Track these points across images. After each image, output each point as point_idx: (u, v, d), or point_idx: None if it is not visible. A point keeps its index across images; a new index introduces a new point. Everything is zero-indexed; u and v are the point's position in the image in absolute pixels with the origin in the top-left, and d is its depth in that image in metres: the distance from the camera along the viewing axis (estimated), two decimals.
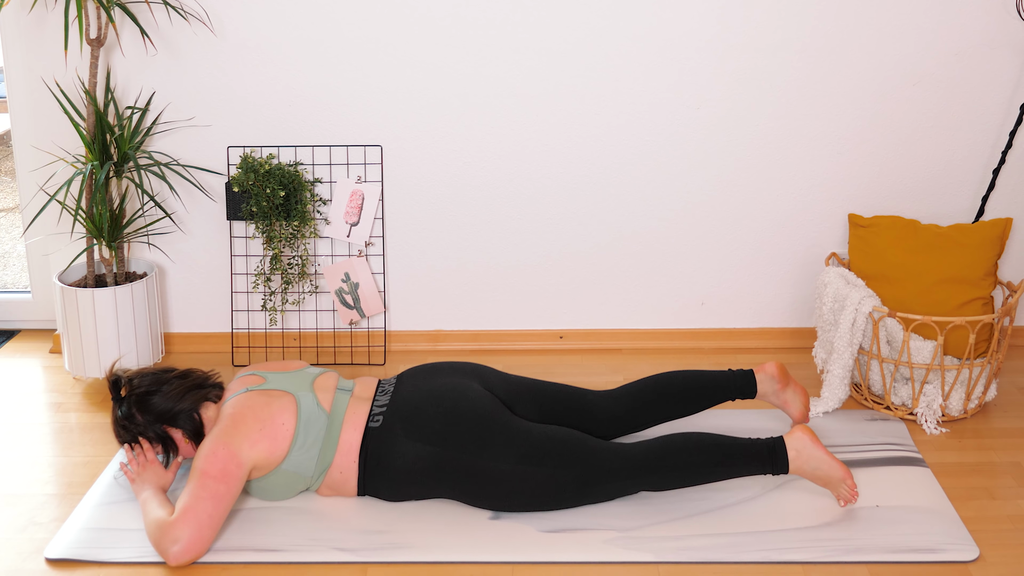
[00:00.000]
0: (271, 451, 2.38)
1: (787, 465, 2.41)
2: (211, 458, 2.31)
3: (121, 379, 2.49)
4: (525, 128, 3.15)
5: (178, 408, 2.45)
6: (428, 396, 2.45)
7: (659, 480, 2.40)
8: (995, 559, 2.29)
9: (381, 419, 2.43)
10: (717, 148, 3.17)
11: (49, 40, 3.04)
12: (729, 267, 3.29)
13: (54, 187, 3.15)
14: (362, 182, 3.17)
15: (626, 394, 2.64)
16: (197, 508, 2.25)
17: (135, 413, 2.45)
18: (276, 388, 2.48)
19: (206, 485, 2.27)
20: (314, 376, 2.55)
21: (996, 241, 2.92)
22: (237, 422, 2.37)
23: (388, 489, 2.44)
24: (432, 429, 2.39)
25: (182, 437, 2.47)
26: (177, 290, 3.31)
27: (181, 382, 2.49)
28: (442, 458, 2.37)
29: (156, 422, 2.45)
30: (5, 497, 2.54)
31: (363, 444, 2.42)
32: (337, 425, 2.43)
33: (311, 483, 2.45)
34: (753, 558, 2.28)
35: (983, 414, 2.92)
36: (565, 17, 3.04)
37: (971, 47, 3.08)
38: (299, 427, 2.40)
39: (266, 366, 2.62)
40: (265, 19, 3.05)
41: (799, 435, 2.43)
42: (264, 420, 2.39)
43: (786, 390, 2.68)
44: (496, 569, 2.26)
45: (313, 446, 2.41)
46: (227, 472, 2.30)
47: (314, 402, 2.45)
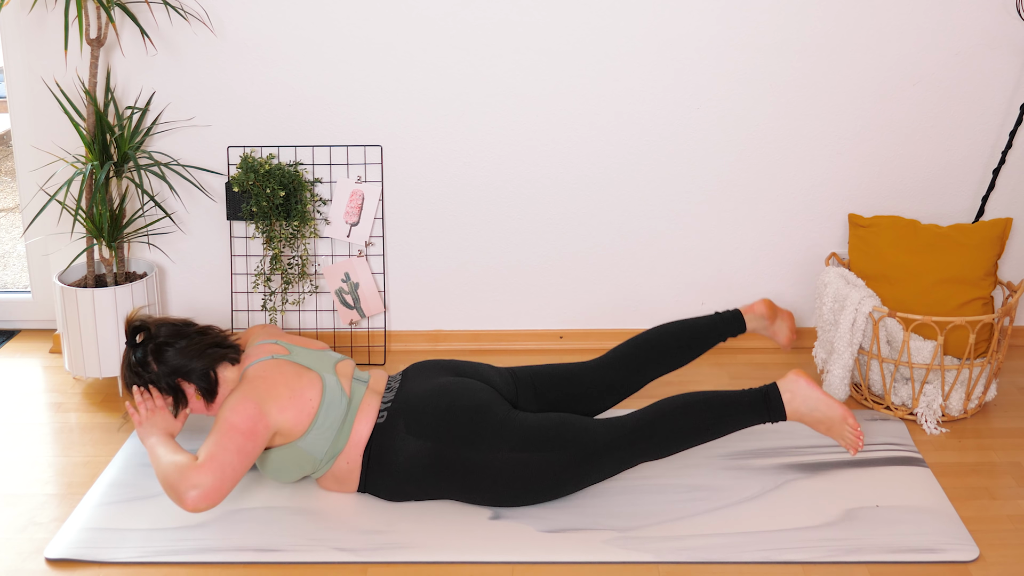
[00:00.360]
0: (296, 421, 2.36)
1: (783, 410, 2.39)
2: (242, 414, 2.28)
3: (143, 325, 2.43)
4: (525, 128, 3.15)
5: (195, 364, 2.41)
6: (429, 392, 2.45)
7: (656, 446, 2.39)
8: (995, 559, 2.29)
9: (386, 415, 2.43)
10: (717, 148, 3.17)
11: (49, 40, 3.04)
12: (729, 267, 3.29)
13: (54, 187, 3.15)
14: (362, 182, 3.17)
15: (617, 358, 2.64)
16: (222, 458, 2.21)
17: (150, 361, 2.41)
18: (302, 362, 2.46)
19: (233, 438, 2.24)
20: (336, 360, 2.53)
21: (996, 241, 2.92)
22: (269, 385, 2.35)
23: (388, 487, 2.44)
24: (429, 424, 2.39)
25: (194, 393, 2.43)
26: (177, 290, 3.31)
27: (201, 338, 2.45)
28: (439, 452, 2.37)
29: (171, 374, 2.41)
30: (5, 497, 2.54)
31: (370, 440, 2.42)
32: (353, 414, 2.43)
33: (318, 467, 2.43)
34: (753, 558, 2.28)
35: (983, 414, 2.93)
36: (565, 17, 3.04)
37: (971, 47, 3.08)
38: (322, 406, 2.39)
39: (288, 338, 2.58)
40: (265, 19, 3.05)
41: (792, 376, 2.42)
42: (295, 389, 2.37)
43: (775, 322, 2.78)
44: (496, 569, 2.26)
45: (330, 429, 2.39)
46: (255, 430, 2.28)
47: (338, 385, 2.44)
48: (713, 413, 2.40)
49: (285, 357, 2.46)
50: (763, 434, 2.76)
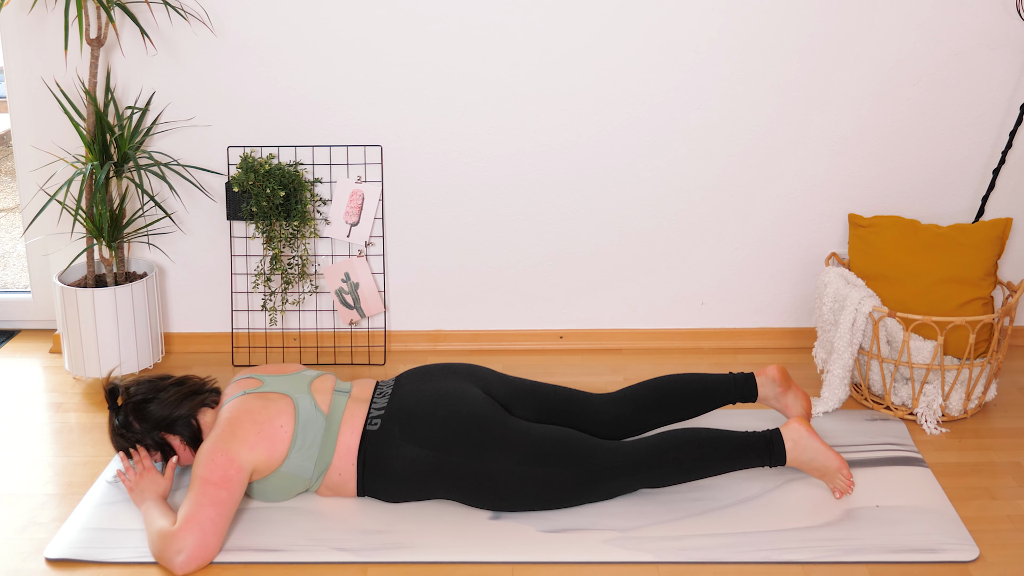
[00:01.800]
0: (270, 454, 2.38)
1: (784, 457, 2.42)
2: (210, 464, 2.30)
3: (118, 388, 2.48)
4: (525, 128, 3.15)
5: (175, 415, 2.45)
6: (426, 400, 2.45)
7: (658, 476, 2.41)
8: (995, 559, 2.29)
9: (379, 422, 2.43)
10: (717, 148, 3.17)
11: (49, 40, 3.04)
12: (729, 267, 3.29)
13: (54, 187, 3.14)
14: (362, 182, 3.17)
15: (626, 398, 2.64)
16: (200, 515, 2.24)
17: (132, 421, 2.45)
18: (273, 391, 2.48)
19: (207, 492, 2.26)
20: (311, 378, 2.55)
21: (996, 241, 2.92)
22: (234, 426, 2.37)
23: (387, 491, 2.44)
24: (430, 433, 2.38)
25: (180, 444, 2.47)
26: (177, 290, 3.31)
27: (178, 389, 2.50)
28: (441, 462, 2.37)
29: (154, 429, 2.45)
30: (5, 497, 2.54)
31: (361, 447, 2.42)
32: (335, 427, 2.43)
33: (310, 484, 2.45)
34: (753, 558, 2.28)
35: (983, 414, 2.92)
36: (565, 18, 3.04)
37: (971, 47, 3.08)
38: (297, 429, 2.40)
39: (263, 369, 2.62)
40: (265, 19, 3.05)
41: (795, 426, 2.44)
42: (262, 423, 2.39)
43: (787, 394, 2.67)
44: (496, 569, 2.26)
45: (312, 448, 2.41)
46: (227, 477, 2.29)
47: (312, 404, 2.45)
48: (716, 452, 2.41)
49: (256, 390, 2.47)
50: None
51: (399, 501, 2.46)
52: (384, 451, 2.40)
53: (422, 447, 2.38)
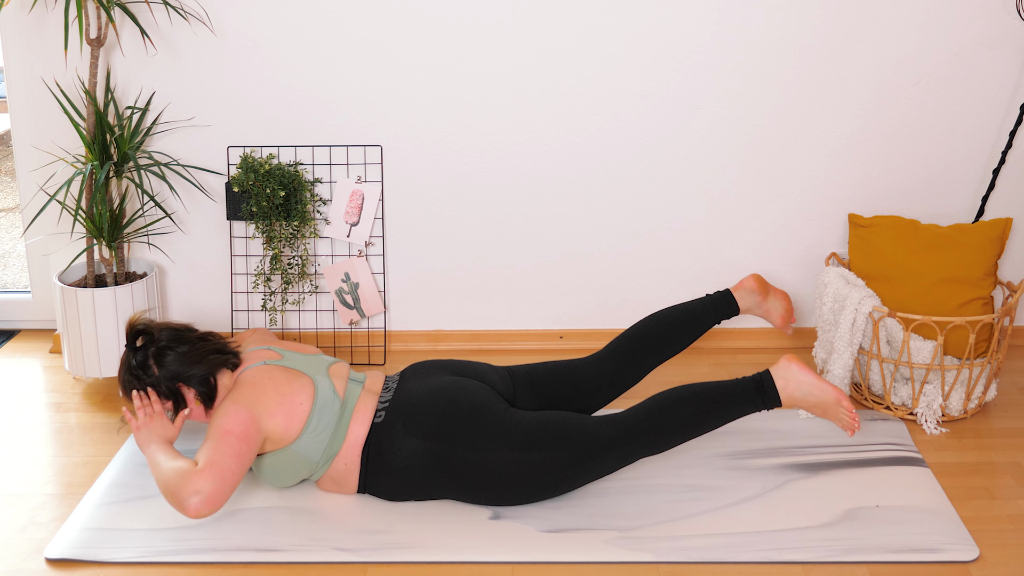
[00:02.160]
0: (286, 427, 2.36)
1: (777, 397, 2.41)
2: (234, 418, 2.29)
3: (145, 329, 2.42)
4: (525, 128, 3.15)
5: (195, 369, 2.41)
6: (427, 392, 2.45)
7: (655, 441, 2.40)
8: (995, 559, 2.29)
9: (383, 415, 2.43)
10: (717, 148, 3.17)
11: (49, 40, 3.04)
12: (729, 267, 3.29)
13: (54, 187, 3.14)
14: (362, 182, 3.17)
15: (613, 351, 2.65)
16: (221, 463, 2.22)
17: (151, 365, 2.40)
18: (294, 367, 2.46)
19: (229, 442, 2.25)
20: (329, 363, 2.54)
21: (996, 241, 2.92)
22: (258, 391, 2.36)
23: (388, 487, 2.44)
24: (428, 424, 2.39)
25: (194, 398, 2.43)
26: (177, 290, 3.31)
27: (203, 344, 2.45)
28: (438, 452, 2.37)
29: (171, 378, 2.40)
30: (5, 497, 2.54)
31: (367, 439, 2.42)
32: (348, 415, 2.43)
33: (315, 470, 2.44)
34: (753, 558, 2.28)
35: (983, 414, 2.93)
36: (565, 17, 3.04)
37: (971, 47, 3.08)
38: (314, 409, 2.39)
39: (282, 344, 2.59)
40: (265, 19, 3.05)
41: (784, 363, 2.43)
42: (284, 395, 2.38)
43: (767, 299, 2.73)
44: (496, 569, 2.26)
45: (325, 431, 2.40)
46: (247, 434, 2.28)
47: (330, 387, 2.44)
48: (708, 404, 2.41)
49: (277, 362, 2.47)
50: (763, 434, 2.76)
51: (399, 499, 2.46)
52: (387, 444, 2.40)
53: (421, 439, 2.38)
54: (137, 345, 2.43)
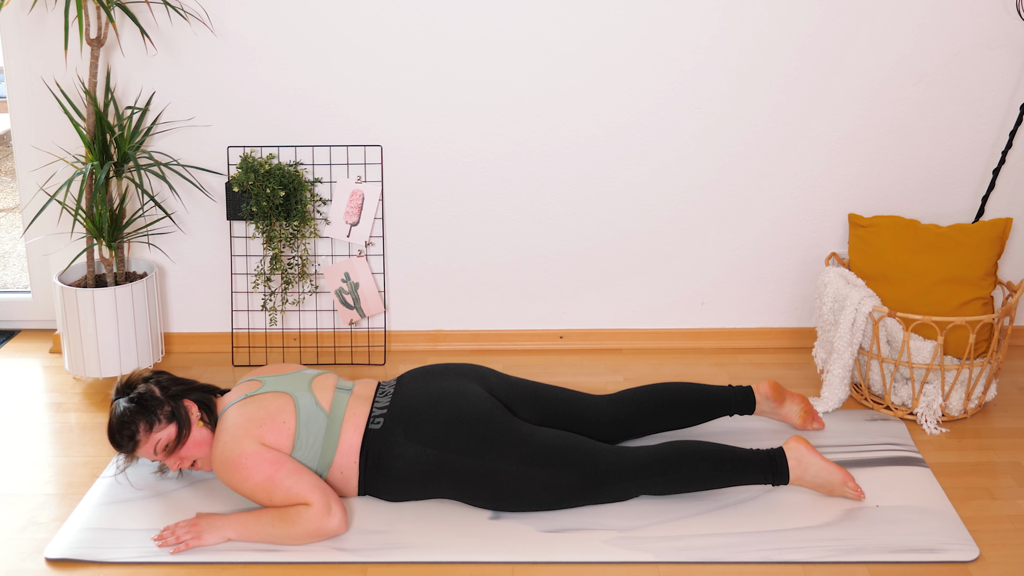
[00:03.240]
0: (277, 442, 2.38)
1: (787, 475, 2.43)
2: (251, 471, 2.31)
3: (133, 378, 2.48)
4: (525, 128, 3.15)
5: (192, 385, 2.49)
6: (429, 398, 2.45)
7: (660, 485, 2.41)
8: (995, 559, 2.29)
9: (382, 421, 2.43)
10: (717, 148, 3.17)
11: (49, 40, 3.04)
12: (729, 267, 3.29)
13: (54, 187, 3.14)
14: (362, 182, 3.17)
15: (626, 401, 2.65)
16: (299, 490, 2.29)
17: (152, 388, 2.44)
18: (273, 390, 2.48)
19: (278, 480, 2.30)
20: (312, 377, 2.55)
21: (996, 241, 2.92)
22: (243, 433, 2.37)
23: (389, 490, 2.44)
24: (434, 432, 2.39)
25: (197, 415, 2.44)
26: (177, 290, 3.31)
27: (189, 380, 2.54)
28: (444, 461, 2.37)
29: (174, 396, 2.44)
30: (5, 497, 2.54)
31: (363, 445, 2.42)
32: (337, 425, 2.43)
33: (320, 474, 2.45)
34: (753, 558, 2.28)
35: (983, 414, 2.92)
36: (565, 18, 3.04)
37: (971, 47, 3.08)
38: (299, 426, 2.40)
39: (263, 370, 2.62)
40: (265, 19, 3.05)
41: (795, 444, 2.45)
42: (263, 420, 2.39)
43: (783, 406, 2.72)
44: (496, 569, 2.26)
45: (314, 446, 2.41)
46: (272, 460, 2.32)
47: (312, 401, 2.45)
48: (722, 468, 2.42)
49: (257, 391, 2.48)
50: (763, 434, 2.76)
51: (400, 500, 2.46)
52: (387, 450, 2.40)
53: (426, 446, 2.38)
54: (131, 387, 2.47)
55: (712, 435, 2.75)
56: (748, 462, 2.42)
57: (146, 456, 2.43)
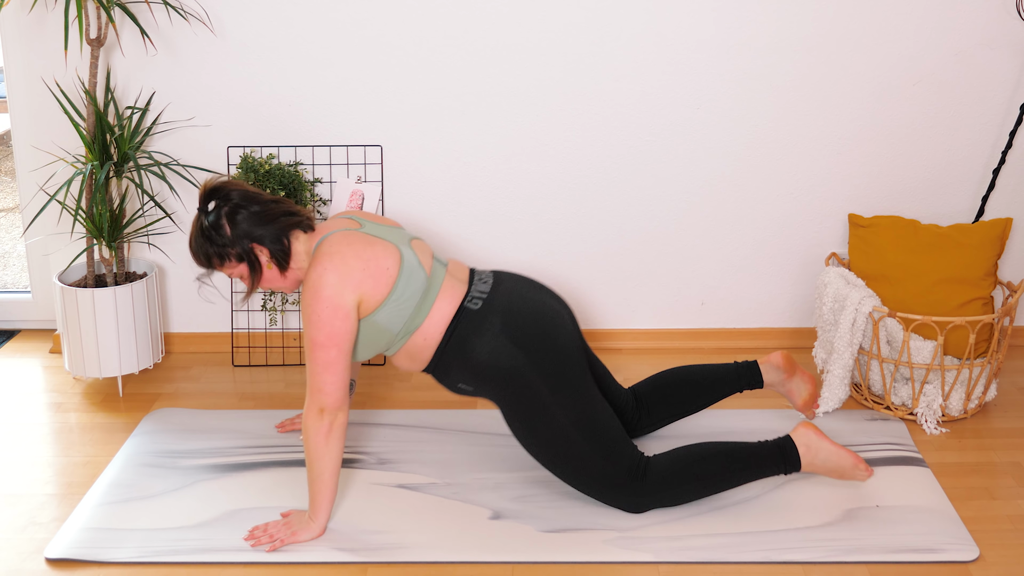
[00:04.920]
0: (374, 291, 2.31)
1: (799, 462, 2.41)
2: (316, 324, 2.27)
3: (216, 190, 2.37)
4: (525, 128, 3.15)
5: (268, 228, 2.36)
6: (532, 305, 2.41)
7: (674, 495, 2.41)
8: (995, 559, 2.29)
9: (480, 303, 2.38)
10: (717, 148, 3.17)
11: (49, 40, 3.04)
12: (729, 267, 3.29)
13: (54, 187, 3.14)
14: (362, 182, 3.17)
15: (637, 392, 2.66)
16: (319, 383, 2.28)
17: (223, 224, 2.35)
18: (374, 234, 2.40)
19: (318, 357, 2.27)
20: (410, 237, 2.47)
21: (996, 241, 2.92)
22: (337, 263, 2.29)
23: (456, 373, 2.39)
24: (528, 338, 2.35)
25: (267, 259, 2.37)
26: (177, 290, 3.31)
27: (275, 204, 2.40)
28: (523, 369, 2.33)
29: (244, 237, 2.35)
30: (5, 497, 2.54)
31: (455, 320, 2.37)
32: (434, 291, 2.38)
33: (393, 343, 2.39)
34: (753, 558, 2.28)
35: (983, 414, 2.93)
36: (565, 18, 3.04)
37: (971, 47, 3.08)
38: (401, 275, 2.34)
39: (359, 214, 2.52)
40: (265, 19, 3.05)
41: (803, 430, 2.43)
42: (368, 260, 2.32)
43: (792, 379, 2.68)
44: (496, 569, 2.26)
45: (410, 300, 2.35)
46: (333, 333, 2.27)
47: (415, 259, 2.39)
48: (737, 466, 2.41)
49: (356, 230, 2.40)
50: (763, 434, 2.76)
51: (456, 388, 2.43)
52: (475, 331, 2.35)
53: (515, 346, 2.34)
54: (209, 208, 2.38)
55: (726, 432, 2.75)
56: (757, 456, 2.41)
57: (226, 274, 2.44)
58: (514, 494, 2.50)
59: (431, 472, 2.60)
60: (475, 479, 2.57)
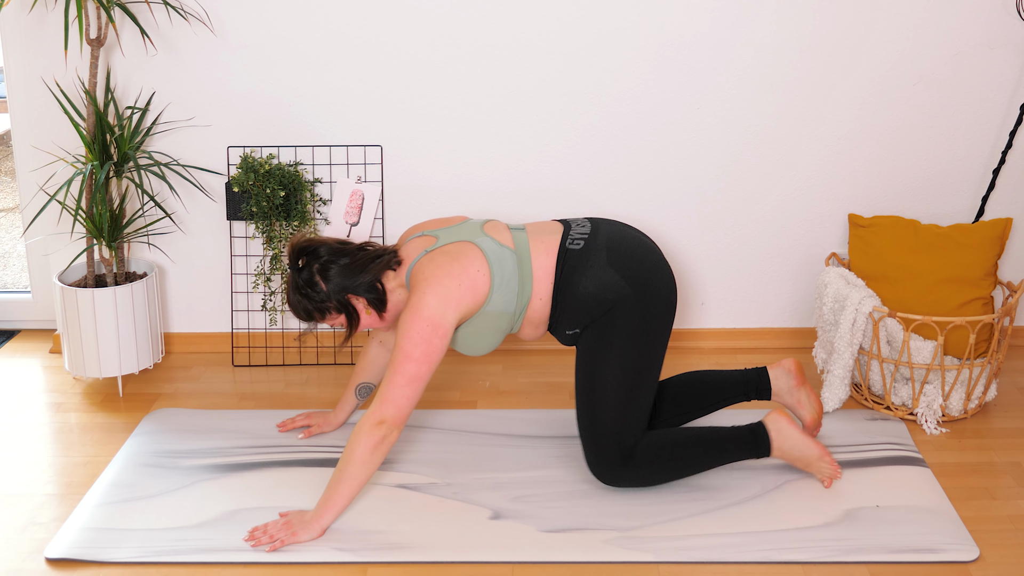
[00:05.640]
0: (474, 300, 2.38)
1: (769, 447, 2.46)
2: (413, 338, 2.31)
3: (305, 247, 2.44)
4: (524, 128, 3.15)
5: (360, 278, 2.43)
6: (637, 243, 2.48)
7: (648, 478, 2.47)
8: (995, 559, 2.29)
9: (583, 243, 2.45)
10: (717, 148, 3.17)
11: (49, 40, 3.04)
12: (729, 267, 3.29)
13: (54, 187, 3.14)
14: (362, 182, 3.17)
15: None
16: (394, 395, 2.31)
17: (318, 281, 2.42)
18: (451, 241, 2.46)
19: (405, 370, 2.30)
20: (481, 223, 2.53)
21: (996, 241, 2.92)
22: (434, 286, 2.35)
23: (568, 315, 2.45)
24: (635, 271, 2.42)
25: (364, 306, 2.45)
26: (177, 290, 3.31)
27: (362, 253, 2.47)
28: (627, 300, 2.39)
29: (340, 291, 2.43)
30: (5, 497, 2.54)
31: (559, 265, 2.43)
32: (527, 256, 2.44)
33: (515, 320, 2.46)
34: (753, 558, 2.28)
35: (983, 414, 2.93)
36: (564, 17, 3.04)
37: (971, 47, 3.08)
38: (493, 269, 2.40)
39: (426, 225, 2.58)
40: (265, 19, 3.05)
41: (776, 416, 2.49)
42: (459, 275, 2.37)
43: (801, 388, 2.67)
44: (496, 569, 2.26)
45: (511, 281, 2.41)
46: (430, 351, 2.31)
47: (494, 243, 2.44)
48: (703, 449, 2.47)
49: (435, 247, 2.45)
50: None
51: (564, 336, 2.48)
52: (583, 265, 2.42)
53: (621, 276, 2.40)
54: (300, 265, 2.44)
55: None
56: (733, 440, 2.47)
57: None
58: (514, 494, 2.50)
59: (431, 472, 2.60)
60: (475, 479, 2.57)
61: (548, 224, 2.55)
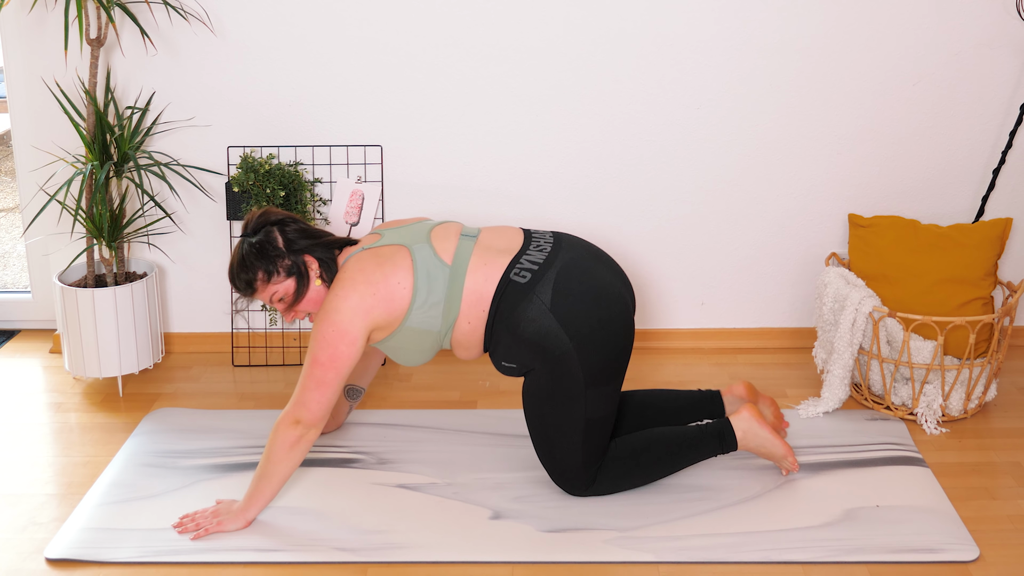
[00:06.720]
0: (389, 313, 2.33)
1: (736, 443, 2.49)
2: (320, 343, 2.30)
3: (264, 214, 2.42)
4: (524, 128, 3.15)
5: (319, 239, 2.41)
6: (590, 288, 2.35)
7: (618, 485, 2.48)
8: (995, 559, 2.29)
9: (528, 276, 2.34)
10: (717, 148, 3.17)
11: (49, 40, 3.04)
12: (729, 267, 3.29)
13: (54, 187, 3.14)
14: (362, 182, 3.17)
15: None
16: (305, 398, 2.31)
17: (276, 236, 2.39)
18: (390, 243, 2.40)
19: (313, 374, 2.31)
20: (431, 226, 2.45)
21: (996, 241, 2.92)
22: (348, 291, 2.32)
23: (502, 350, 2.38)
24: (581, 323, 2.32)
25: (316, 271, 2.40)
26: (177, 290, 3.31)
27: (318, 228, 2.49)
28: (566, 359, 2.32)
29: (296, 247, 2.39)
30: (5, 497, 2.54)
31: (497, 295, 2.34)
32: (461, 275, 2.35)
33: (442, 339, 2.40)
34: (753, 558, 2.28)
35: (983, 414, 2.93)
36: (565, 18, 3.04)
37: (971, 47, 3.08)
38: (417, 283, 2.33)
39: (387, 224, 2.54)
40: (265, 19, 3.05)
41: (744, 415, 2.50)
42: (376, 283, 2.33)
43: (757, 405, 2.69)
44: (496, 569, 2.26)
45: (437, 297, 2.34)
46: (336, 356, 2.30)
47: (431, 254, 2.36)
48: (682, 449, 2.48)
49: (375, 244, 2.41)
50: None
51: (500, 367, 2.42)
52: (524, 304, 2.32)
53: (563, 329, 2.31)
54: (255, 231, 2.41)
55: None
56: (699, 439, 2.48)
57: (262, 301, 2.45)
58: (514, 494, 2.51)
59: (431, 472, 2.60)
60: (475, 479, 2.57)
61: (506, 235, 2.45)
